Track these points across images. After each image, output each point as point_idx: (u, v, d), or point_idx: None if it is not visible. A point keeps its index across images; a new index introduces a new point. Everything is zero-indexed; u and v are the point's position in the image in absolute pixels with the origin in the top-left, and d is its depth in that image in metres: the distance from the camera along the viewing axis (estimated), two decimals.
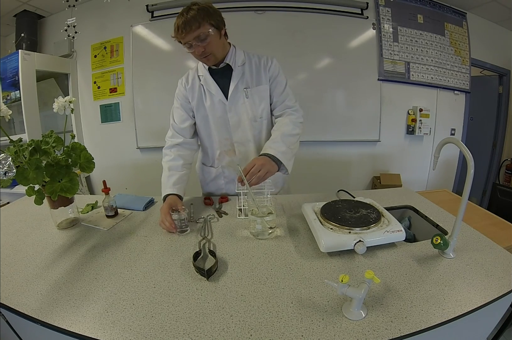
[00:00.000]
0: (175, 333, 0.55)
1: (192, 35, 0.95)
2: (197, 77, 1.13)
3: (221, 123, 1.14)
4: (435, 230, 0.98)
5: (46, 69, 2.40)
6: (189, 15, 0.93)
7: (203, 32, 0.95)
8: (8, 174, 1.94)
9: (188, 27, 0.93)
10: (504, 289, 0.64)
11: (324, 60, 2.47)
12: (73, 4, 2.38)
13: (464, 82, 2.71)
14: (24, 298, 0.65)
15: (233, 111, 1.12)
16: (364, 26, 2.46)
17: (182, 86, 1.15)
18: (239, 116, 1.13)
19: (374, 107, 2.55)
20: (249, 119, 1.14)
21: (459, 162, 2.87)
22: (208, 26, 0.96)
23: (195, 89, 1.12)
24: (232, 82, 1.09)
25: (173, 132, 1.17)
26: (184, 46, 1.00)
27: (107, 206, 1.05)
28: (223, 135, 1.17)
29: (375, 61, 2.48)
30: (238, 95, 1.11)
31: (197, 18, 0.93)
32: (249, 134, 1.16)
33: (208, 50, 0.99)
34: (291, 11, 2.37)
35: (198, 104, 1.14)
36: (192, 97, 1.13)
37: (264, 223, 0.86)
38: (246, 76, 1.11)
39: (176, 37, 0.99)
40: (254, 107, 1.14)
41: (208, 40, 0.97)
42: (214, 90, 1.10)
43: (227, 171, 1.25)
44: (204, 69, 1.11)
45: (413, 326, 0.55)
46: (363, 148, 2.68)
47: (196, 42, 0.97)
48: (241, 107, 1.12)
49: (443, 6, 2.61)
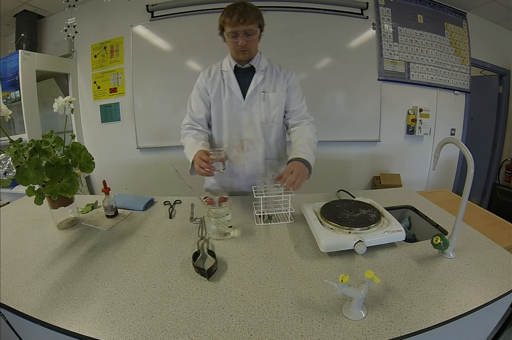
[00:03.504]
0: (175, 333, 0.55)
1: (245, 27, 1.02)
2: (220, 72, 1.18)
3: (234, 119, 1.19)
4: (435, 230, 0.98)
5: (46, 69, 2.40)
6: (247, 9, 1.02)
7: (253, 29, 1.04)
8: (8, 174, 1.94)
9: (244, 19, 1.01)
10: (504, 289, 0.64)
11: (324, 60, 2.47)
12: (73, 4, 2.38)
13: (464, 82, 2.71)
14: (24, 298, 0.65)
15: (247, 111, 1.18)
16: (364, 26, 2.45)
17: (203, 77, 1.19)
18: (252, 116, 1.18)
19: (374, 107, 2.55)
20: (261, 121, 1.19)
21: (459, 162, 2.87)
22: (257, 25, 1.06)
23: (215, 82, 1.17)
24: (252, 84, 1.16)
25: (190, 120, 1.21)
26: (227, 34, 1.06)
27: (107, 206, 1.05)
28: (234, 130, 1.21)
29: (375, 61, 2.48)
30: (255, 97, 1.17)
31: (252, 14, 1.03)
32: (259, 134, 1.21)
33: (248, 45, 1.07)
34: (291, 11, 2.37)
35: (216, 97, 1.18)
36: (211, 89, 1.18)
37: (221, 223, 0.87)
38: (265, 81, 1.17)
39: (227, 23, 1.03)
40: (268, 111, 1.19)
41: (252, 37, 1.06)
42: (234, 87, 1.16)
43: (232, 165, 1.26)
44: (229, 66, 1.16)
45: (413, 326, 0.55)
46: (363, 148, 2.67)
47: (242, 35, 1.04)
48: (256, 108, 1.18)
49: (443, 6, 2.61)
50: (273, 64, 1.22)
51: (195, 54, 2.40)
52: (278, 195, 0.97)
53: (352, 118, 2.57)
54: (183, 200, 1.21)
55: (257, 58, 1.16)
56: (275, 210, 0.99)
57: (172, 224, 1.02)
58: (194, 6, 2.35)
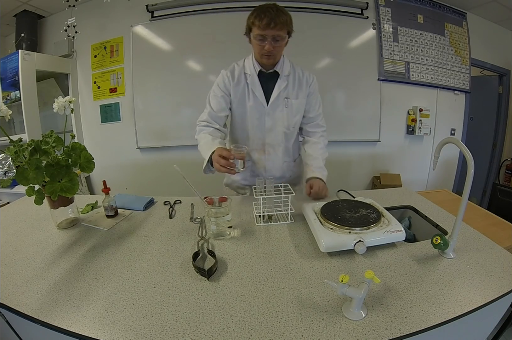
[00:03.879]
0: (175, 333, 0.55)
1: (275, 32, 1.00)
2: (244, 74, 1.16)
3: (257, 124, 1.20)
4: (435, 230, 0.98)
5: (46, 69, 2.40)
6: (278, 14, 0.99)
7: (282, 35, 1.02)
8: (8, 174, 1.94)
9: (274, 23, 0.98)
10: (504, 289, 0.64)
11: (324, 60, 2.47)
12: (73, 4, 2.38)
13: (464, 82, 2.71)
14: (24, 298, 0.65)
15: (270, 116, 1.18)
16: (364, 26, 2.46)
17: (226, 78, 1.16)
18: (275, 122, 1.20)
19: (374, 107, 2.55)
20: (283, 126, 1.21)
21: (459, 162, 2.87)
22: (286, 31, 1.04)
23: (239, 86, 1.16)
24: (276, 90, 1.15)
25: (208, 118, 1.18)
26: (254, 36, 1.03)
27: (107, 206, 1.05)
28: (257, 135, 1.22)
29: (375, 61, 2.48)
30: (278, 103, 1.17)
31: (283, 20, 1.00)
32: (279, 139, 1.24)
33: (274, 51, 1.06)
34: (291, 11, 2.35)
35: (240, 101, 1.17)
36: (235, 93, 1.16)
37: (221, 223, 0.88)
38: (289, 87, 1.17)
39: (256, 26, 1.01)
40: (290, 117, 1.21)
41: (280, 43, 1.04)
42: (258, 92, 1.15)
43: (254, 166, 1.29)
44: (252, 69, 1.14)
45: (413, 326, 0.55)
46: (363, 148, 2.68)
47: (270, 40, 1.02)
48: (279, 114, 1.19)
49: (443, 6, 2.61)
50: (295, 68, 1.20)
51: (195, 54, 2.40)
52: (278, 195, 0.97)
53: (352, 118, 2.57)
54: (183, 200, 1.21)
55: (281, 63, 1.15)
56: (275, 210, 0.99)
57: (172, 224, 1.02)
58: (194, 6, 2.35)
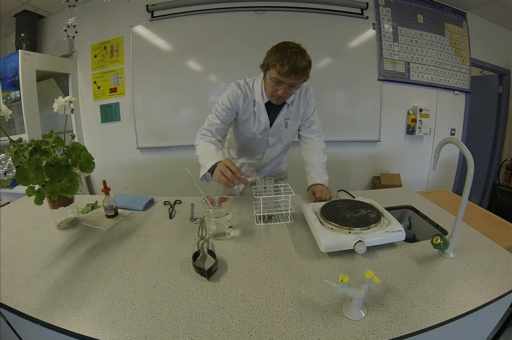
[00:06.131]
0: (175, 333, 0.55)
1: (293, 81, 0.99)
2: (253, 100, 1.17)
3: (259, 143, 1.29)
4: (435, 230, 0.98)
5: (46, 69, 2.40)
6: (302, 64, 0.96)
7: (299, 84, 1.03)
8: (8, 174, 1.94)
9: (295, 74, 0.97)
10: (504, 289, 0.64)
11: (324, 60, 2.47)
12: (73, 4, 2.38)
13: (464, 82, 2.71)
14: (24, 298, 0.65)
15: (272, 136, 1.26)
16: (364, 26, 2.46)
17: (237, 96, 1.15)
18: (276, 141, 1.29)
19: (374, 107, 2.55)
20: (283, 144, 1.32)
21: (459, 162, 2.86)
22: (303, 80, 1.03)
23: (247, 111, 1.19)
24: (280, 116, 1.20)
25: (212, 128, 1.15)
26: (271, 78, 1.01)
27: (107, 206, 1.05)
28: (259, 149, 1.32)
29: (375, 61, 2.48)
30: (280, 124, 1.23)
31: (305, 71, 0.99)
32: (277, 152, 1.36)
33: (287, 96, 1.09)
34: (291, 11, 2.37)
35: (245, 123, 1.22)
36: (243, 113, 1.19)
37: (221, 223, 0.88)
38: (290, 110, 1.22)
39: (277, 70, 0.98)
40: (290, 136, 1.31)
41: (294, 90, 1.06)
42: (263, 120, 1.20)
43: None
44: (261, 98, 1.15)
45: (413, 326, 0.55)
46: (363, 148, 2.67)
47: (286, 86, 1.01)
48: (280, 134, 1.27)
49: (443, 6, 2.61)
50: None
51: (195, 54, 2.40)
52: (278, 195, 0.97)
53: (352, 118, 2.57)
54: (183, 200, 1.21)
55: None
56: (275, 210, 0.99)
57: (172, 224, 1.02)
58: (194, 6, 2.35)
